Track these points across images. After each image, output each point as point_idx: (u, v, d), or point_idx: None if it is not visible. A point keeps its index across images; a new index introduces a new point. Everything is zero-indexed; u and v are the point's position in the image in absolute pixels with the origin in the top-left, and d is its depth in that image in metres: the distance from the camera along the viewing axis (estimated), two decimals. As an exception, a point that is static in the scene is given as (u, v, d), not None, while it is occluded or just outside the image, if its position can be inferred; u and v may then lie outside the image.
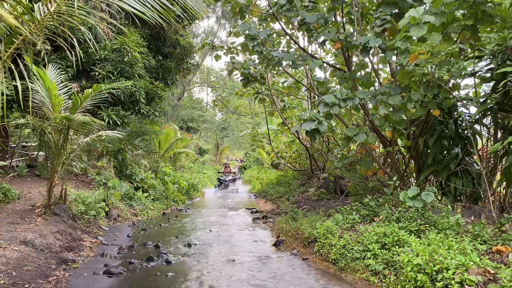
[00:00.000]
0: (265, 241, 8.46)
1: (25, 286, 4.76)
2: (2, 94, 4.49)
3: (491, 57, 6.46)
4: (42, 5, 4.68)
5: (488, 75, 7.05)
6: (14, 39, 4.70)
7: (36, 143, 13.30)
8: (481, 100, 7.04)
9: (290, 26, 10.43)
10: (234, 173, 28.94)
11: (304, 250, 7.30)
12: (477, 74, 7.33)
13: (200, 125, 42.19)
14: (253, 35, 8.57)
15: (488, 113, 7.14)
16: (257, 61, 9.45)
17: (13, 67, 4.64)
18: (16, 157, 14.80)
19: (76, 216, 8.31)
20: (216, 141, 39.28)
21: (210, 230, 9.57)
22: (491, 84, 7.10)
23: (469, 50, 7.20)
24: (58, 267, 5.72)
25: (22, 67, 4.73)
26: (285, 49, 10.77)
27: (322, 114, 7.12)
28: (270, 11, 8.86)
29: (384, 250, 5.65)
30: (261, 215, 11.81)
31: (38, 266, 5.45)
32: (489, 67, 7.03)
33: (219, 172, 28.23)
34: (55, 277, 5.27)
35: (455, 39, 6.82)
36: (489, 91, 7.27)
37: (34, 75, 7.30)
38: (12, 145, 14.96)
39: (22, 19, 4.34)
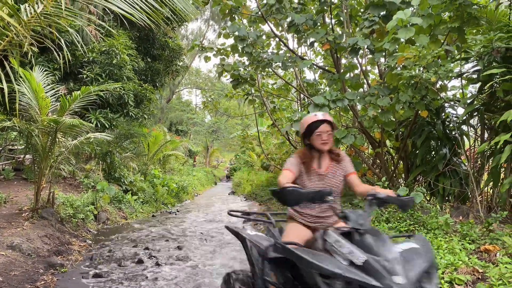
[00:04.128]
0: (255, 243, 8.43)
1: (12, 291, 4.69)
2: (-12, 96, 4.42)
3: (478, 58, 6.54)
4: (28, 6, 4.62)
5: (475, 76, 7.14)
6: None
7: (23, 146, 13.12)
8: (468, 101, 7.12)
9: (280, 28, 10.44)
10: None
11: (294, 252, 7.29)
12: (464, 76, 7.42)
13: (189, 128, 42.07)
14: (242, 36, 8.56)
15: (475, 114, 7.22)
16: (247, 62, 9.45)
17: (-1, 69, 4.57)
18: (2, 161, 14.55)
19: (64, 219, 8.21)
20: (206, 144, 39.17)
21: (200, 233, 9.53)
22: (478, 85, 7.20)
23: (456, 52, 7.29)
24: (46, 271, 5.64)
25: (8, 69, 4.66)
26: (275, 51, 10.79)
27: (312, 115, 7.14)
28: (260, 12, 8.87)
29: (374, 251, 5.68)
30: (252, 217, 11.78)
31: (25, 271, 5.37)
32: (475, 68, 7.12)
33: None
34: (43, 282, 5.20)
35: (442, 41, 6.90)
36: (475, 92, 7.37)
37: (21, 77, 7.20)
38: (-2, 149, 14.71)
39: (8, 20, 4.27)
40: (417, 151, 7.90)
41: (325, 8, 8.51)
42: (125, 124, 13.81)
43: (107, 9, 4.85)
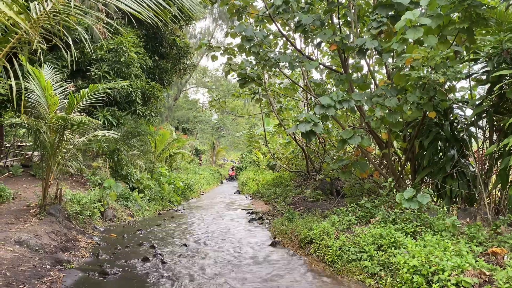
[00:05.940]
0: (261, 242, 8.44)
1: (20, 286, 4.73)
2: (-3, 93, 4.45)
3: (487, 59, 6.49)
4: (38, 4, 4.65)
5: (484, 77, 7.08)
6: (9, 38, 4.66)
7: (31, 143, 13.24)
8: (477, 102, 7.07)
9: (287, 28, 10.43)
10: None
11: (300, 251, 7.30)
12: (473, 77, 7.37)
13: (196, 126, 42.14)
14: (249, 36, 8.57)
15: (483, 115, 7.17)
16: (254, 62, 9.46)
17: (8, 66, 4.60)
18: (10, 157, 14.69)
19: (71, 216, 8.27)
20: (212, 142, 39.24)
21: (206, 231, 9.55)
22: (487, 86, 7.14)
23: (465, 52, 7.23)
24: (52, 267, 5.69)
25: (17, 66, 4.69)
26: (282, 51, 10.78)
27: (318, 116, 7.13)
28: (267, 12, 8.87)
29: (380, 252, 5.66)
30: (257, 216, 11.80)
31: (32, 267, 5.41)
32: (484, 69, 7.06)
33: None
34: (49, 278, 5.24)
35: (451, 41, 6.85)
36: (484, 94, 7.31)
37: (30, 74, 7.26)
38: (6, 145, 14.86)
39: (18, 18, 4.29)
40: (425, 152, 7.85)
41: (333, 8, 8.49)
42: (132, 122, 13.89)
43: (115, 7, 4.88)
